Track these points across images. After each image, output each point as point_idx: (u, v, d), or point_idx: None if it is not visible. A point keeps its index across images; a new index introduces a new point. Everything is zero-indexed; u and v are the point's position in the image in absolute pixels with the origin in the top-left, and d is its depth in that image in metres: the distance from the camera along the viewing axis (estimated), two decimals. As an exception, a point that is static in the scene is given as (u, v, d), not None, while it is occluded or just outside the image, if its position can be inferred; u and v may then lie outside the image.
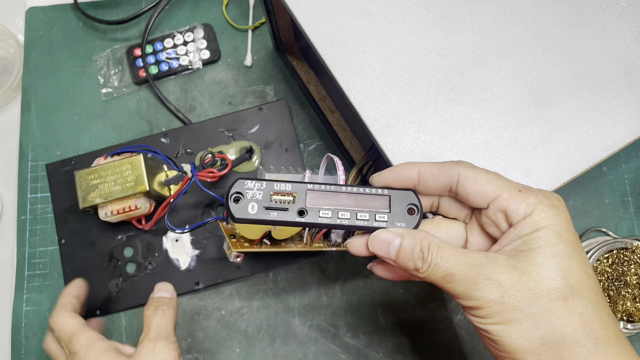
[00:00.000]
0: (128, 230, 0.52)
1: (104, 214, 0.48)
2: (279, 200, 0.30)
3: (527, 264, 0.27)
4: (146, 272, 0.52)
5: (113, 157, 0.50)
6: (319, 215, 0.29)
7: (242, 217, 0.29)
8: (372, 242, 0.29)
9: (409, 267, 0.28)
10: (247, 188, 0.29)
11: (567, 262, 0.27)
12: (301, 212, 0.29)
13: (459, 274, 0.27)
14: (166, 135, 0.54)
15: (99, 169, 0.48)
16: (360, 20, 0.37)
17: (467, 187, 0.29)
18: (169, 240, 0.52)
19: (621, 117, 0.35)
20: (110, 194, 0.47)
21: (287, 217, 0.29)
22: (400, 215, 0.30)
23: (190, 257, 0.52)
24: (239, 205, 0.29)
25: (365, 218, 0.30)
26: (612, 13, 0.37)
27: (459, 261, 0.27)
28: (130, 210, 0.48)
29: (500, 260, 0.27)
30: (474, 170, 0.29)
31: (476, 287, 0.27)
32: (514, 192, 0.28)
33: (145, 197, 0.49)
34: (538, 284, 0.26)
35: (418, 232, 0.29)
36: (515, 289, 0.26)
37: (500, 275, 0.26)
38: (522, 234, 0.27)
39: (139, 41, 0.58)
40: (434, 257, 0.28)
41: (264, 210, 0.29)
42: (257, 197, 0.29)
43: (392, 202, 0.30)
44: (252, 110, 0.54)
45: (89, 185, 0.48)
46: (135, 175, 0.47)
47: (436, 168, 0.30)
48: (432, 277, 0.28)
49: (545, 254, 0.27)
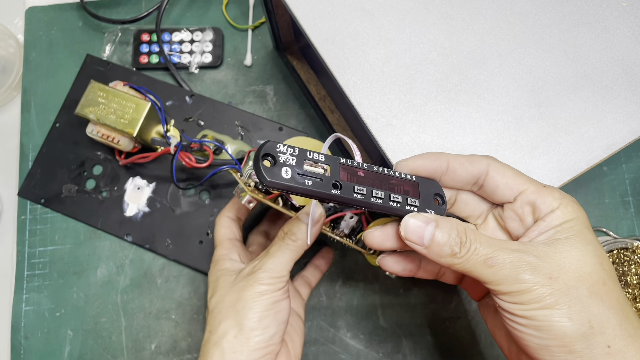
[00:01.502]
0: (109, 152, 0.55)
1: (90, 130, 0.50)
2: (312, 171, 0.27)
3: (567, 249, 0.27)
4: (98, 196, 0.54)
5: (130, 89, 0.51)
6: (354, 191, 0.28)
7: (275, 180, 0.26)
8: (405, 226, 0.28)
9: (443, 253, 0.27)
10: (280, 152, 0.27)
11: (600, 250, 0.28)
12: (336, 185, 0.27)
13: (501, 258, 0.26)
14: (192, 97, 0.55)
15: (110, 92, 0.49)
16: (361, 19, 0.37)
17: (496, 179, 0.29)
18: (133, 184, 0.54)
19: (621, 117, 0.35)
20: (104, 118, 0.48)
21: (321, 188, 0.27)
22: (428, 202, 0.29)
23: (139, 209, 0.53)
24: (271, 168, 0.26)
25: (398, 200, 0.28)
26: (613, 13, 0.37)
27: (499, 246, 0.27)
28: (112, 140, 0.49)
29: (539, 247, 0.27)
30: (502, 164, 0.30)
31: (521, 269, 0.26)
32: (540, 187, 0.29)
33: (130, 138, 0.50)
34: (580, 267, 0.27)
35: (451, 218, 0.29)
36: (561, 271, 0.26)
37: (544, 259, 0.27)
38: (553, 225, 0.28)
39: (149, 27, 0.59)
40: (473, 242, 0.27)
41: (298, 177, 0.26)
42: (290, 162, 0.27)
43: (420, 188, 0.30)
44: (273, 124, 0.54)
45: (93, 99, 0.49)
46: (132, 117, 0.48)
47: (465, 159, 0.30)
48: (470, 263, 0.27)
49: (581, 241, 0.27)
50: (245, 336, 0.34)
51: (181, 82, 0.56)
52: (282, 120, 0.56)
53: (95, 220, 0.53)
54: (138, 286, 0.52)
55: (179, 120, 0.54)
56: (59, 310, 0.52)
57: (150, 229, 0.53)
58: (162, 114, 0.50)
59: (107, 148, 0.55)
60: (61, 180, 0.54)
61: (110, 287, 0.52)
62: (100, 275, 0.53)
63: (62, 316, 0.52)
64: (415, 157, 0.31)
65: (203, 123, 0.55)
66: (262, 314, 0.35)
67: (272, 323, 0.35)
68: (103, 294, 0.52)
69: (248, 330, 0.34)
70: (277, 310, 0.35)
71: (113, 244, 0.53)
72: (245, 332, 0.34)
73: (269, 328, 0.35)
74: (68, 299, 0.52)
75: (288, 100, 0.56)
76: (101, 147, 0.55)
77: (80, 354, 0.51)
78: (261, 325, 0.34)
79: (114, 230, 0.53)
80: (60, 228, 0.54)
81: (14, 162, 0.57)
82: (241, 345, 0.34)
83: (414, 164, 0.30)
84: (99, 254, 0.53)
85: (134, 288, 0.52)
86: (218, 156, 0.52)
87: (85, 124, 0.50)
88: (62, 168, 0.55)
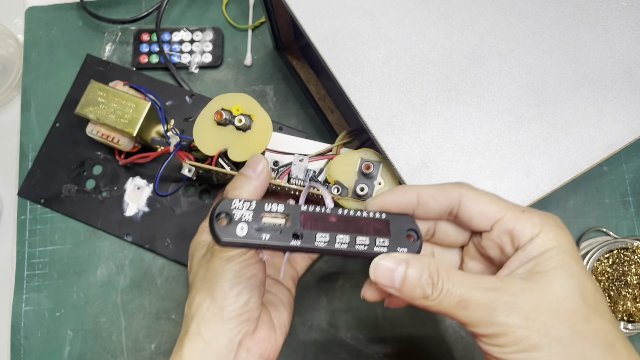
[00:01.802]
0: (109, 152, 0.55)
1: (90, 129, 0.50)
2: (271, 223, 0.27)
3: (545, 285, 0.25)
4: (98, 196, 0.54)
5: (130, 88, 0.51)
6: (316, 239, 0.27)
7: (230, 240, 0.26)
8: (373, 269, 0.27)
9: (416, 295, 0.26)
10: (235, 208, 0.26)
11: (584, 283, 0.26)
12: (296, 235, 0.27)
13: (475, 299, 0.25)
14: (192, 97, 0.55)
15: (110, 91, 0.49)
16: (361, 19, 0.37)
17: (470, 208, 0.28)
18: (133, 184, 0.54)
19: (622, 117, 0.35)
20: (104, 118, 0.48)
21: (280, 241, 0.26)
22: (400, 240, 0.28)
23: (139, 209, 0.53)
24: (226, 227, 0.26)
25: (365, 242, 0.28)
26: (613, 13, 0.37)
27: (473, 285, 0.25)
28: (112, 140, 0.49)
29: (516, 283, 0.26)
30: (476, 192, 0.28)
31: (496, 311, 0.25)
32: (518, 212, 0.27)
33: (130, 138, 0.50)
34: (560, 305, 0.25)
35: (423, 257, 0.27)
36: (538, 311, 0.25)
37: (520, 298, 0.25)
38: (532, 255, 0.26)
39: (149, 27, 0.59)
40: (446, 282, 0.26)
41: (254, 232, 0.26)
42: (246, 217, 0.26)
43: (391, 226, 0.29)
44: (273, 124, 0.54)
45: (93, 99, 0.49)
46: (132, 117, 0.48)
47: (436, 190, 0.29)
48: (444, 305, 0.26)
49: (562, 275, 0.25)
50: (218, 306, 0.33)
51: (181, 82, 0.56)
52: (282, 120, 0.56)
53: (95, 220, 0.53)
54: (138, 286, 0.52)
55: (178, 120, 0.54)
56: (59, 310, 0.52)
57: (150, 229, 0.53)
58: (162, 114, 0.50)
59: (107, 148, 0.55)
60: (61, 180, 0.54)
61: (110, 287, 0.52)
62: (100, 275, 0.52)
63: (62, 316, 0.52)
64: (383, 195, 0.30)
65: (203, 123, 0.54)
66: (233, 281, 0.33)
67: (244, 289, 0.33)
68: (103, 294, 0.52)
69: (221, 300, 0.33)
70: (248, 276, 0.33)
71: (113, 244, 0.53)
72: (217, 302, 0.33)
73: (242, 295, 0.33)
74: (68, 299, 0.52)
75: (288, 100, 0.56)
76: (101, 147, 0.55)
77: (80, 354, 0.51)
78: (233, 293, 0.33)
79: (113, 230, 0.53)
80: (60, 228, 0.54)
81: (14, 162, 0.57)
82: (215, 316, 0.33)
83: (383, 202, 0.29)
84: (99, 254, 0.53)
85: (133, 288, 0.52)
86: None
87: (85, 124, 0.50)
88: (62, 168, 0.55)
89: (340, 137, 0.43)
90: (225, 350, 0.33)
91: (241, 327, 0.34)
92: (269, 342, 0.36)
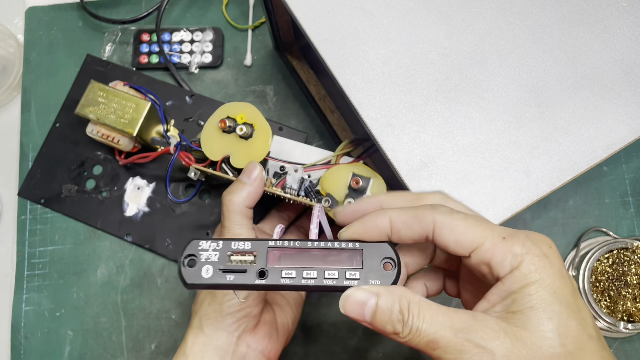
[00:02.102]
0: (109, 152, 0.55)
1: (90, 129, 0.50)
2: (238, 261, 0.27)
3: (520, 328, 0.23)
4: (98, 196, 0.54)
5: (130, 88, 0.51)
6: (282, 276, 0.26)
7: (195, 282, 0.26)
8: (343, 303, 0.26)
9: (387, 331, 0.25)
10: (202, 249, 0.27)
11: (565, 324, 0.24)
12: (261, 273, 0.27)
13: (444, 341, 0.24)
14: (192, 97, 0.55)
15: (110, 92, 0.49)
16: (361, 19, 0.37)
17: (444, 237, 0.26)
18: (133, 184, 0.54)
19: (621, 117, 0.35)
20: (104, 118, 0.48)
21: (245, 280, 0.26)
22: (374, 271, 0.27)
23: (139, 209, 0.53)
24: (192, 269, 0.26)
25: (334, 276, 0.27)
26: (613, 13, 0.37)
27: (444, 324, 0.24)
28: (112, 140, 0.49)
29: (490, 324, 0.24)
30: (451, 217, 0.26)
31: (464, 356, 0.23)
32: (497, 240, 0.25)
33: (130, 138, 0.50)
34: (534, 352, 0.23)
35: (396, 288, 0.26)
36: (509, 358, 0.23)
37: (491, 342, 0.23)
38: (511, 290, 0.24)
39: (149, 27, 0.59)
40: (415, 320, 0.24)
41: (219, 274, 0.26)
42: (212, 258, 0.27)
43: (364, 256, 0.27)
44: (273, 124, 0.54)
45: (93, 99, 0.49)
46: (132, 117, 0.48)
47: (409, 216, 0.27)
48: (414, 343, 0.25)
49: (539, 317, 0.23)
50: (218, 302, 0.36)
51: (181, 82, 0.56)
52: (282, 120, 0.56)
53: (95, 220, 0.53)
54: (138, 286, 0.52)
55: (179, 120, 0.54)
56: (59, 310, 0.52)
57: (150, 228, 0.53)
58: (161, 113, 0.50)
59: (107, 148, 0.55)
60: (61, 180, 0.54)
61: (110, 287, 0.52)
62: (100, 275, 0.53)
63: (62, 316, 0.52)
64: (355, 224, 0.28)
65: (203, 123, 0.55)
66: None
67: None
68: (103, 294, 0.52)
69: (220, 297, 0.36)
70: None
71: (113, 244, 0.53)
72: (217, 299, 0.36)
73: (239, 293, 0.35)
74: (68, 299, 0.52)
75: (288, 100, 0.56)
76: (101, 147, 0.55)
77: (80, 354, 0.51)
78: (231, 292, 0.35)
79: (114, 230, 0.53)
80: (60, 228, 0.54)
81: (14, 162, 0.57)
82: (214, 311, 0.36)
83: (355, 231, 0.28)
84: (99, 254, 0.53)
85: (134, 288, 0.52)
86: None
87: (85, 124, 0.50)
88: (62, 168, 0.55)
89: (341, 146, 0.43)
90: (225, 344, 0.35)
91: (239, 323, 0.36)
92: (269, 340, 0.38)
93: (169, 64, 0.56)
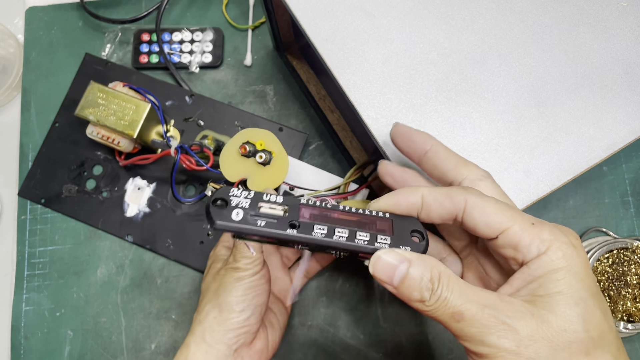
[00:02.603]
0: (109, 152, 0.55)
1: (90, 131, 0.50)
2: (269, 212, 0.26)
3: (547, 311, 0.24)
4: (98, 196, 0.54)
5: (130, 89, 0.51)
6: (313, 230, 0.26)
7: (224, 223, 0.25)
8: (374, 263, 0.26)
9: (413, 297, 0.25)
10: (233, 195, 0.26)
11: (591, 312, 0.24)
12: (293, 224, 0.26)
13: (470, 314, 0.24)
14: (192, 97, 0.55)
15: (109, 93, 0.49)
16: (361, 19, 0.37)
17: (474, 217, 0.26)
18: (134, 184, 0.54)
19: (621, 117, 0.35)
20: (104, 119, 0.48)
21: (276, 228, 0.25)
22: (404, 239, 0.27)
23: (140, 210, 0.53)
24: (221, 210, 0.25)
25: (366, 238, 0.26)
26: (613, 13, 0.37)
27: (471, 299, 0.24)
28: (112, 142, 0.50)
29: (516, 305, 0.24)
30: (483, 199, 0.26)
31: (489, 331, 0.23)
32: (526, 225, 0.25)
33: (131, 140, 0.50)
34: (558, 335, 0.23)
35: (428, 258, 0.26)
36: (533, 338, 0.23)
37: (517, 321, 0.24)
38: (537, 275, 0.25)
39: (149, 27, 0.59)
40: (444, 290, 0.24)
41: (250, 218, 0.25)
42: (243, 204, 0.26)
43: (394, 226, 0.27)
44: (273, 125, 0.54)
45: (93, 100, 0.49)
46: (132, 118, 0.48)
47: (441, 194, 0.27)
48: (438, 313, 0.25)
49: (566, 301, 0.24)
50: (224, 317, 0.37)
51: (181, 82, 0.56)
52: (282, 120, 0.56)
53: (96, 221, 0.53)
54: (138, 286, 0.52)
55: (178, 120, 0.54)
56: (59, 310, 0.52)
57: (150, 229, 0.53)
58: (161, 115, 0.50)
59: (107, 148, 0.55)
60: (61, 180, 0.54)
61: (110, 287, 0.52)
62: (100, 275, 0.53)
63: (62, 316, 0.52)
64: (387, 196, 0.29)
65: (203, 123, 0.55)
66: (239, 298, 0.37)
67: (248, 307, 0.38)
68: (103, 294, 0.52)
69: (226, 312, 0.37)
70: (253, 295, 0.38)
71: (113, 244, 0.53)
72: (224, 313, 0.37)
73: (245, 311, 0.37)
74: (68, 299, 0.52)
75: (288, 100, 0.56)
76: (101, 147, 0.55)
77: (80, 354, 0.51)
78: (238, 308, 0.37)
79: (114, 231, 0.53)
80: (60, 228, 0.54)
81: (14, 162, 0.57)
82: (219, 325, 0.38)
83: (387, 203, 0.28)
84: (99, 254, 0.53)
85: (134, 288, 0.52)
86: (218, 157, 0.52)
87: (85, 124, 0.50)
88: (62, 168, 0.55)
89: (349, 173, 0.45)
90: (223, 355, 0.38)
91: (239, 338, 0.38)
92: (260, 356, 0.41)
93: (168, 63, 0.56)
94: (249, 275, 0.37)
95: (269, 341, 0.42)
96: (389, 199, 0.28)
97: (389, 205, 0.28)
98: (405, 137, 0.31)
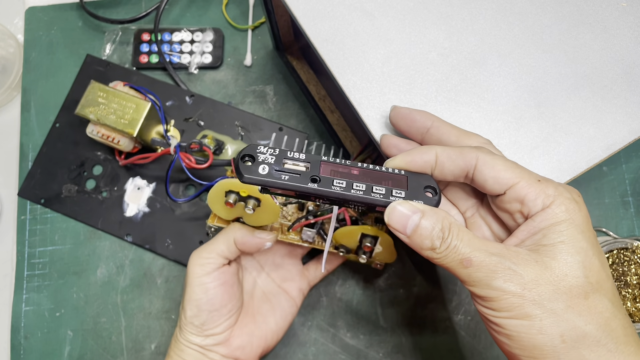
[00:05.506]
0: (109, 152, 0.55)
1: (91, 130, 0.50)
2: (292, 167, 0.29)
3: (550, 258, 0.26)
4: (98, 196, 0.54)
5: (130, 89, 0.51)
6: (333, 184, 0.28)
7: (252, 176, 0.28)
8: (389, 212, 0.28)
9: (424, 246, 0.27)
10: (260, 152, 0.28)
11: (590, 260, 0.26)
12: (314, 179, 0.28)
13: (477, 260, 0.26)
14: (192, 97, 0.55)
15: (110, 92, 0.49)
16: (360, 20, 0.37)
17: (484, 173, 0.28)
18: (133, 184, 0.54)
19: (621, 117, 0.35)
20: (104, 118, 0.48)
21: (299, 182, 0.28)
22: (418, 195, 0.29)
23: (139, 210, 0.53)
24: (249, 166, 0.28)
25: (382, 192, 0.28)
26: (613, 13, 0.37)
27: (479, 247, 0.26)
28: (112, 141, 0.50)
29: (521, 253, 0.26)
30: (492, 156, 0.28)
31: (496, 275, 0.25)
32: (533, 181, 0.27)
33: (131, 139, 0.50)
34: (560, 280, 0.25)
35: (439, 210, 0.28)
36: (537, 282, 0.25)
37: (522, 268, 0.25)
38: (541, 227, 0.27)
39: (149, 26, 0.58)
40: (454, 239, 0.26)
41: (275, 173, 0.28)
42: (269, 160, 0.28)
43: (409, 182, 0.29)
44: (273, 125, 0.54)
45: (93, 99, 0.49)
46: (133, 117, 0.48)
47: (454, 151, 0.29)
48: (448, 260, 0.27)
49: (568, 250, 0.26)
50: (188, 322, 0.41)
51: (179, 83, 0.56)
52: (282, 120, 0.56)
53: (95, 221, 0.53)
54: (138, 286, 0.52)
55: (179, 120, 0.54)
56: (59, 310, 0.52)
57: (150, 229, 0.53)
58: (162, 114, 0.50)
59: (107, 148, 0.55)
60: (61, 180, 0.54)
61: (110, 287, 0.52)
62: (100, 275, 0.53)
63: (62, 316, 0.52)
64: (402, 154, 0.30)
65: (203, 123, 0.55)
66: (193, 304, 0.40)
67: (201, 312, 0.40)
68: (103, 294, 0.52)
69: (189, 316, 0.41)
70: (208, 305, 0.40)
71: (113, 244, 0.53)
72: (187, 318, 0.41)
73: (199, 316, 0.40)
74: (68, 299, 0.52)
75: (288, 100, 0.56)
76: (101, 147, 0.55)
77: (80, 354, 0.51)
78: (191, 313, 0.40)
79: (114, 231, 0.53)
80: (60, 228, 0.54)
81: (14, 162, 0.57)
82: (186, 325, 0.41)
83: (402, 160, 0.30)
84: (99, 254, 0.53)
85: (133, 288, 0.52)
86: (218, 157, 0.52)
87: (85, 124, 0.50)
88: (62, 168, 0.55)
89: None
90: (199, 353, 0.41)
91: (205, 337, 0.41)
92: (242, 352, 0.43)
93: (166, 64, 0.56)
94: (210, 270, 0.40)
95: (255, 335, 0.44)
96: (405, 157, 0.30)
97: (405, 162, 0.30)
98: (407, 118, 0.32)
